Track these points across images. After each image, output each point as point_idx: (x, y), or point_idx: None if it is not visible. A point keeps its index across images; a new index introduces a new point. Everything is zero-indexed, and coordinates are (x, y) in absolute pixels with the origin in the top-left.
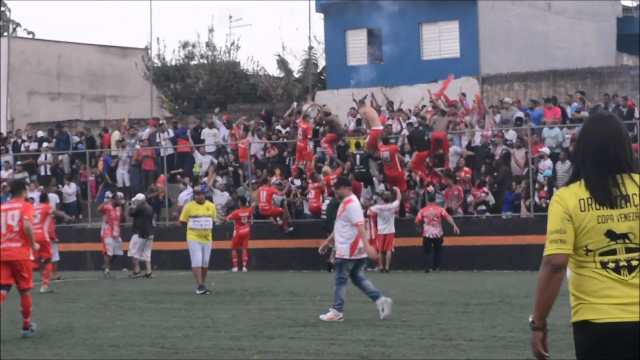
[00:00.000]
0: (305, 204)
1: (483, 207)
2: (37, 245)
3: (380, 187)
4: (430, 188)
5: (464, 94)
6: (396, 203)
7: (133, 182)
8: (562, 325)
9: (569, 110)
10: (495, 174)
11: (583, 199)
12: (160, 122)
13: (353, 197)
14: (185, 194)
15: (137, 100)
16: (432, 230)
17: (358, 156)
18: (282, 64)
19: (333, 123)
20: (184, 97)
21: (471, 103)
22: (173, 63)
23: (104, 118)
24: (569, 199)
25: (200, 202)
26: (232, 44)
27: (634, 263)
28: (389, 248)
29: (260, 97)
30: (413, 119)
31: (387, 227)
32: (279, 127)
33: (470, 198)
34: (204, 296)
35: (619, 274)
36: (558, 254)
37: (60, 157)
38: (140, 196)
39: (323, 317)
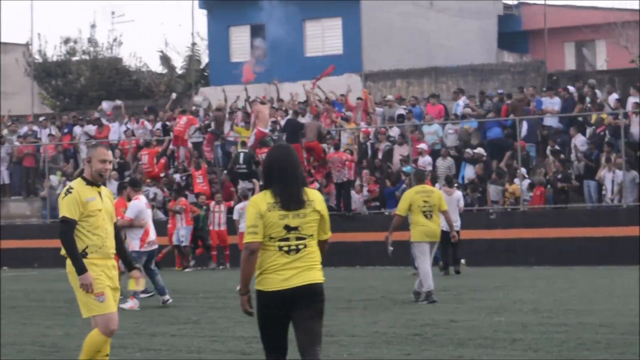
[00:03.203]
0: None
1: (377, 203)
2: None
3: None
4: (316, 185)
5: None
6: None
7: (13, 180)
8: (442, 321)
9: (454, 107)
10: (377, 169)
11: (270, 203)
12: (41, 118)
13: (140, 196)
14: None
15: (18, 97)
16: (340, 176)
17: (242, 154)
18: (165, 60)
19: (218, 120)
20: (66, 93)
21: (355, 100)
22: (54, 59)
23: None
24: (261, 203)
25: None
26: (115, 40)
27: (300, 247)
28: None
29: (143, 93)
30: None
31: None
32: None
33: (365, 194)
34: None
35: (289, 254)
36: (254, 241)
37: None
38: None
39: (124, 306)
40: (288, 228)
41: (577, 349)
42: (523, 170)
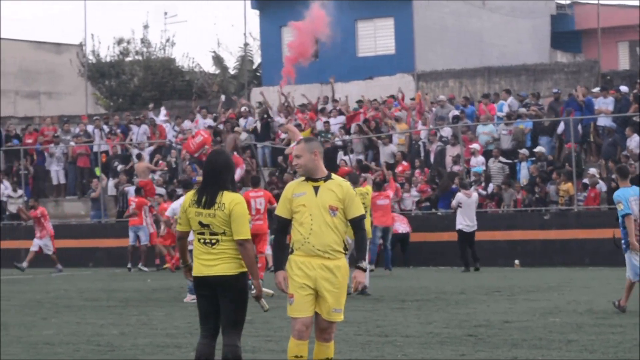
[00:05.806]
0: None
1: (427, 204)
2: None
3: None
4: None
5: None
6: None
7: (68, 180)
8: (497, 322)
9: (500, 106)
10: (432, 170)
11: (192, 200)
12: (95, 118)
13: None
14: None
15: (72, 97)
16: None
17: None
18: (218, 60)
19: (232, 144)
20: (119, 93)
21: (409, 100)
22: (108, 59)
23: (38, 115)
24: (187, 199)
25: None
26: (167, 40)
27: (214, 241)
28: None
29: (196, 93)
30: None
31: None
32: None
33: (414, 193)
34: (139, 294)
35: (206, 245)
36: (178, 230)
37: None
38: None
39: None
40: (202, 224)
41: (634, 350)
42: (593, 170)
